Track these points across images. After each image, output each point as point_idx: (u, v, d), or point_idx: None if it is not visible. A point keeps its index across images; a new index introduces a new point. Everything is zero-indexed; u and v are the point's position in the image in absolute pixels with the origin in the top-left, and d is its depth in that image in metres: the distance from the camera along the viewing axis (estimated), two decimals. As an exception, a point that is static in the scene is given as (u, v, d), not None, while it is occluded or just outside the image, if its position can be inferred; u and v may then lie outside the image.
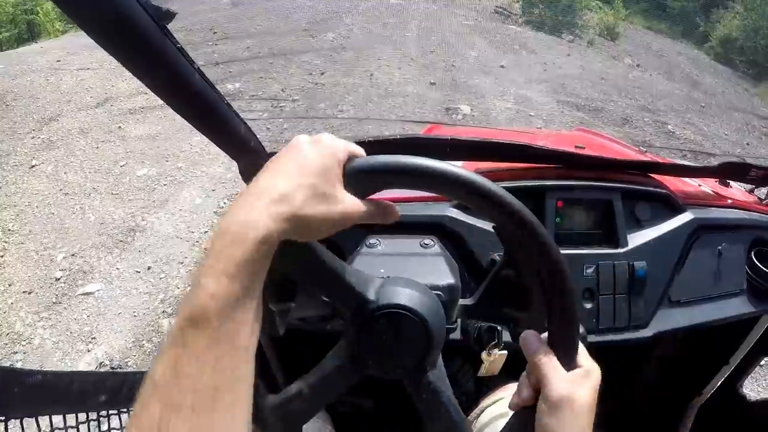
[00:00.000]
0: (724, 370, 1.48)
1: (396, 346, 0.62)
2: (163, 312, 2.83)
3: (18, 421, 0.63)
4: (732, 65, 16.31)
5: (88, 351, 2.60)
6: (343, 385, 0.65)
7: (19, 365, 2.50)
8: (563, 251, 1.04)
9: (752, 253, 1.23)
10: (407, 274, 0.72)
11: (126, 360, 2.54)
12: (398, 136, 1.00)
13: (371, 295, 0.62)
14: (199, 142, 4.62)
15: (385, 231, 0.96)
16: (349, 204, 0.53)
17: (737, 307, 1.20)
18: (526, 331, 0.64)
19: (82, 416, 0.73)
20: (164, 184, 4.09)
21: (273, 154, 1.01)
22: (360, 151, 0.57)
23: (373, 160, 0.56)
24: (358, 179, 0.55)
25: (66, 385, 0.69)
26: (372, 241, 0.89)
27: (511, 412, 0.65)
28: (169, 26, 0.59)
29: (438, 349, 0.64)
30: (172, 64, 0.63)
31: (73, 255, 3.34)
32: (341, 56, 8.00)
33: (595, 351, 1.03)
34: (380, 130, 5.75)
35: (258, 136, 0.98)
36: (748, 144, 6.93)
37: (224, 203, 3.81)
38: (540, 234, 0.58)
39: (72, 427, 0.72)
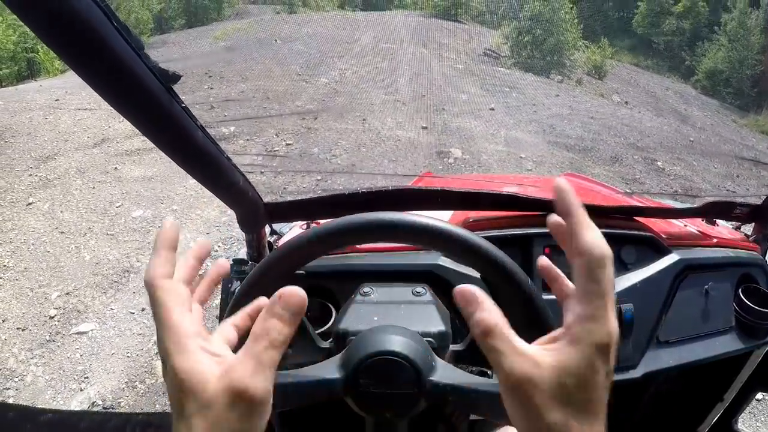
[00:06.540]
0: (719, 407, 1.46)
1: (386, 391, 0.62)
2: (157, 354, 2.84)
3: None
4: (719, 97, 16.64)
5: (81, 390, 2.62)
6: (315, 400, 0.64)
7: (11, 401, 2.51)
8: (551, 297, 1.10)
9: (740, 290, 1.22)
10: (400, 321, 0.72)
11: (119, 401, 2.55)
12: (391, 188, 1.05)
13: (362, 342, 0.65)
14: (194, 185, 4.71)
15: (379, 279, 0.98)
16: None
17: (727, 344, 1.19)
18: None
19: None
20: (159, 226, 4.12)
21: (269, 204, 1.10)
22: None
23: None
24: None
25: (74, 424, 0.74)
26: (366, 289, 0.89)
27: None
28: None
29: (428, 396, 0.63)
30: (177, 123, 0.67)
31: (67, 294, 3.39)
32: (334, 101, 8.17)
33: None
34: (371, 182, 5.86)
35: (255, 188, 1.05)
36: (737, 176, 7.04)
37: (218, 247, 3.87)
38: (511, 269, 0.64)
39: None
